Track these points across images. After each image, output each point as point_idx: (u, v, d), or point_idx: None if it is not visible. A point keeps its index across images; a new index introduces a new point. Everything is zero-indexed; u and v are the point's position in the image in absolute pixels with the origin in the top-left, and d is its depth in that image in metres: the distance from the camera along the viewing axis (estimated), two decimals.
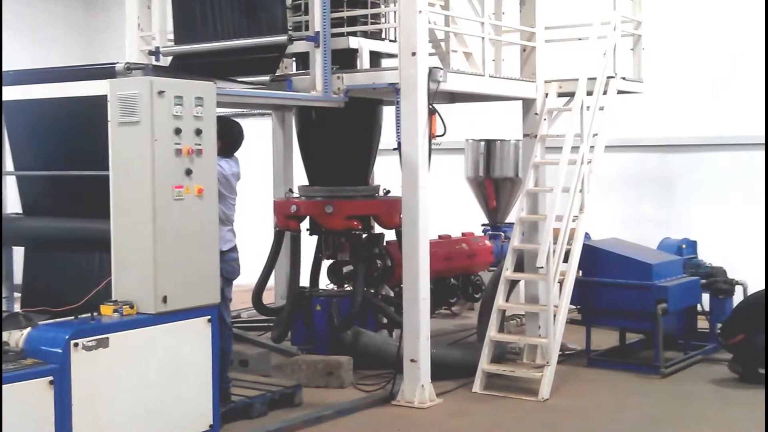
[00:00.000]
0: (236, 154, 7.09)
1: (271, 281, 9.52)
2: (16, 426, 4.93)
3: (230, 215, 6.81)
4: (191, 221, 5.90)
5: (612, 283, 8.53)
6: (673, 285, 8.52)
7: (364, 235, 8.77)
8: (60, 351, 5.16)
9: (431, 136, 7.49)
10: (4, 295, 7.05)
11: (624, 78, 8.99)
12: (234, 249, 6.86)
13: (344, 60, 8.13)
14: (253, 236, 10.31)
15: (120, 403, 5.47)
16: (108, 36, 14.70)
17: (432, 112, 7.45)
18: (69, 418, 5.15)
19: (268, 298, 9.59)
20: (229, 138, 6.90)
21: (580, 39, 9.02)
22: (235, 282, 6.99)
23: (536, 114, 8.75)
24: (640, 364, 8.64)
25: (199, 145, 5.94)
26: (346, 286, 8.99)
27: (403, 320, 7.54)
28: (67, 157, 6.61)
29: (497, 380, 7.92)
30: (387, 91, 7.76)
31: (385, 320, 8.86)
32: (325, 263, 9.15)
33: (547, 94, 8.77)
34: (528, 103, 8.81)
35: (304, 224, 8.93)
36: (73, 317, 5.57)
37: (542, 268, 7.86)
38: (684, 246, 9.62)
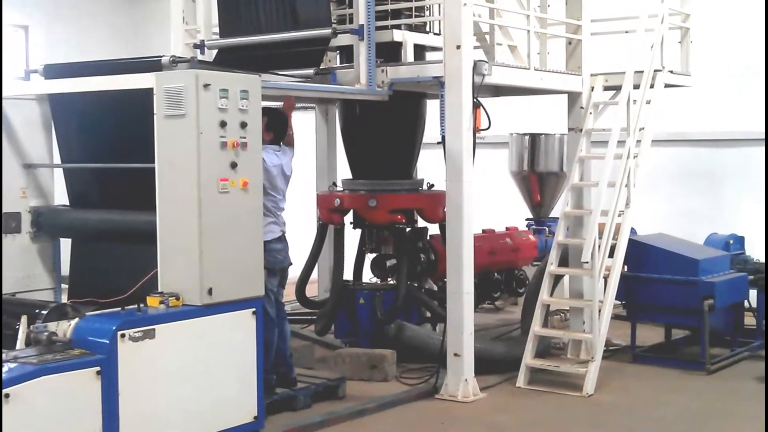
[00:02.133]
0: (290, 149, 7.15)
1: (314, 274, 9.55)
2: (64, 415, 4.99)
3: (271, 206, 6.81)
4: (236, 214, 5.93)
5: (658, 279, 8.43)
6: (720, 281, 8.40)
7: (408, 229, 8.76)
8: (107, 342, 5.21)
9: (476, 129, 7.44)
10: (51, 287, 7.16)
11: (671, 71, 8.86)
12: (278, 239, 6.88)
13: (388, 53, 8.11)
14: (297, 229, 10.35)
15: (166, 393, 5.51)
16: (152, 29, 14.84)
17: (476, 105, 7.40)
18: (116, 407, 5.20)
19: (311, 291, 9.62)
20: (280, 127, 6.96)
21: (627, 32, 8.92)
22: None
23: (582, 108, 8.66)
24: (686, 361, 8.54)
25: (244, 138, 5.96)
26: (389, 279, 8.99)
27: (446, 314, 7.52)
28: (113, 149, 6.68)
29: (541, 375, 7.87)
30: (431, 84, 7.73)
31: (428, 314, 8.84)
32: (369, 257, 9.15)
33: (593, 88, 8.68)
34: (573, 97, 8.73)
35: (348, 218, 8.94)
36: (119, 308, 5.62)
37: (587, 263, 7.79)
38: (731, 242, 9.47)
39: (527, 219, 11.38)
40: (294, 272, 9.11)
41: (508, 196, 11.63)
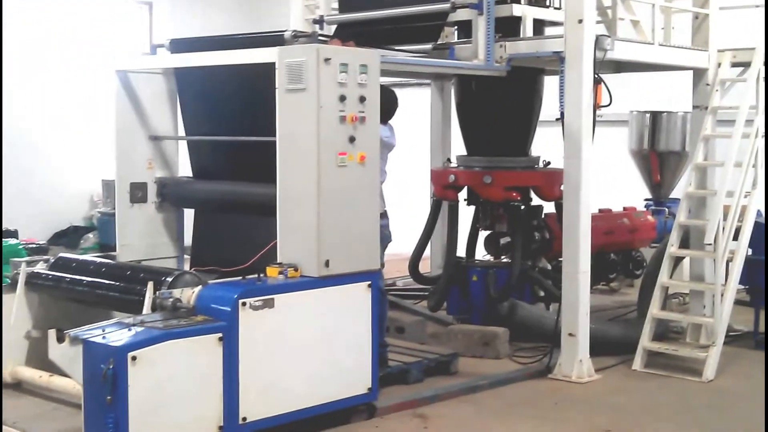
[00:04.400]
0: (393, 122, 7.12)
1: (428, 250, 9.56)
2: (187, 379, 5.16)
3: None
4: (353, 188, 5.98)
5: None
6: None
7: (523, 207, 8.66)
8: (229, 309, 5.34)
9: (596, 106, 7.29)
10: (174, 255, 7.39)
11: None
12: (382, 215, 6.90)
13: (507, 28, 8.01)
14: (410, 205, 10.40)
15: (283, 362, 5.63)
16: (272, 4, 15.03)
17: (597, 81, 7.25)
18: (236, 373, 5.34)
19: (424, 267, 9.63)
20: (384, 105, 6.94)
21: (757, 6, 8.56)
22: (390, 251, 7.02)
23: (708, 85, 8.36)
24: None
25: (363, 112, 6.00)
26: (502, 257, 8.93)
27: (560, 294, 7.43)
28: (236, 122, 6.82)
29: (658, 358, 7.70)
30: (551, 59, 7.61)
31: (541, 293, 8.75)
32: (482, 234, 9.11)
33: (720, 64, 8.37)
34: (699, 73, 8.44)
35: (462, 194, 8.91)
36: (240, 278, 5.76)
37: (710, 245, 7.56)
38: None
39: (646, 199, 11.14)
40: (407, 248, 9.19)
41: (626, 176, 11.37)
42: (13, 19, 12.70)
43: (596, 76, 7.22)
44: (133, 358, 4.90)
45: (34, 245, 10.17)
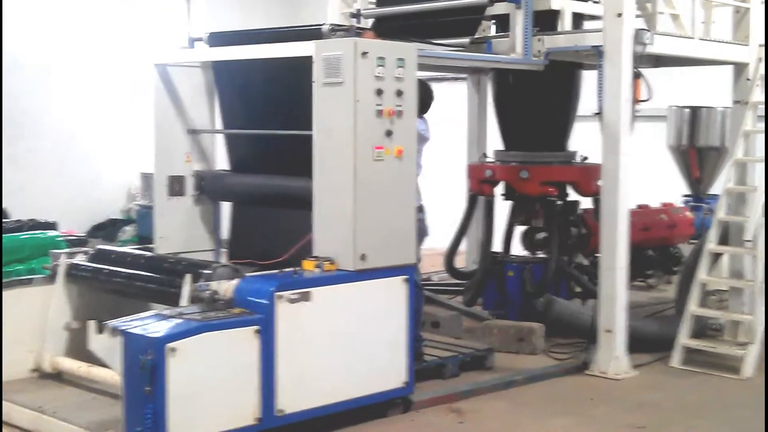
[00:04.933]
0: (428, 116, 7.11)
1: (463, 245, 9.54)
2: (224, 371, 5.19)
3: None
4: (390, 182, 5.98)
5: None
6: None
7: (559, 202, 8.62)
8: (266, 302, 5.37)
9: (635, 101, 7.23)
10: (211, 248, 7.43)
11: None
12: (419, 208, 6.88)
13: (545, 22, 7.95)
14: (446, 200, 10.37)
15: (320, 355, 5.65)
16: None
17: (637, 76, 7.19)
18: (273, 366, 5.37)
19: (460, 262, 9.62)
20: (420, 99, 6.93)
21: None
22: (425, 246, 7.01)
23: (748, 79, 8.26)
24: None
25: (400, 106, 5.99)
26: (539, 253, 8.88)
27: (597, 289, 7.38)
28: (273, 116, 6.85)
29: (696, 356, 7.62)
30: (589, 54, 7.55)
31: (578, 289, 8.70)
32: (518, 229, 9.07)
33: (760, 59, 8.26)
34: (739, 68, 8.34)
35: (498, 189, 8.87)
36: (277, 271, 5.79)
37: (750, 241, 7.47)
38: None
39: (684, 195, 11.02)
40: (442, 243, 9.17)
41: (665, 172, 11.26)
42: (53, 12, 12.84)
43: (635, 70, 7.16)
44: (172, 350, 4.94)
45: (74, 237, 10.27)
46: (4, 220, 9.94)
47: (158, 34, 12.73)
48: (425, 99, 7.04)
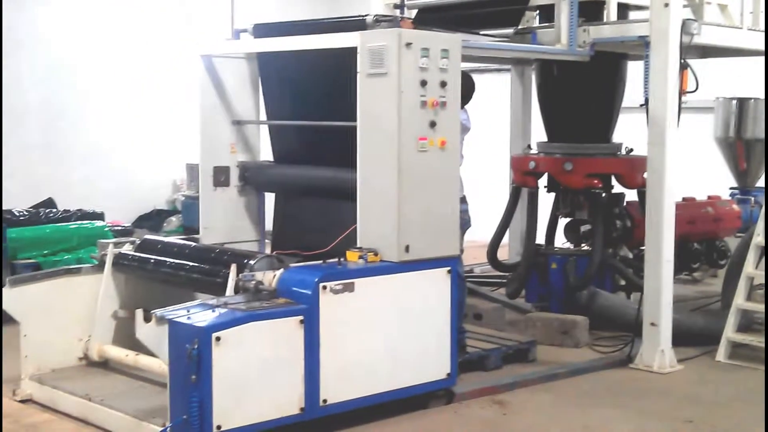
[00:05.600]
0: (469, 107, 7.07)
1: (506, 237, 9.50)
2: (269, 360, 5.23)
3: None
4: (434, 173, 5.97)
5: None
6: None
7: (604, 194, 8.54)
8: (310, 293, 5.40)
9: (681, 92, 7.15)
10: (255, 239, 7.48)
11: None
12: (462, 200, 6.86)
13: (590, 12, 7.89)
14: (489, 192, 10.34)
15: (363, 345, 5.67)
16: None
17: (684, 66, 7.10)
18: (317, 356, 5.40)
19: (503, 254, 9.58)
20: (462, 90, 6.89)
21: None
22: (468, 238, 6.98)
23: None
24: None
25: (444, 97, 5.97)
26: (582, 245, 8.82)
27: (642, 283, 7.32)
28: (317, 107, 6.86)
29: (742, 350, 7.53)
30: (635, 44, 7.47)
31: (622, 282, 8.63)
32: (562, 221, 9.01)
33: None
34: None
35: (542, 181, 8.82)
36: (321, 261, 5.81)
37: None
38: None
39: (731, 188, 10.87)
40: (485, 235, 9.14)
41: (711, 164, 11.11)
42: (99, 3, 12.97)
43: (682, 61, 7.07)
44: (218, 339, 4.99)
45: (120, 228, 10.40)
46: (51, 210, 10.09)
47: (203, 26, 12.82)
48: (467, 90, 7.00)
